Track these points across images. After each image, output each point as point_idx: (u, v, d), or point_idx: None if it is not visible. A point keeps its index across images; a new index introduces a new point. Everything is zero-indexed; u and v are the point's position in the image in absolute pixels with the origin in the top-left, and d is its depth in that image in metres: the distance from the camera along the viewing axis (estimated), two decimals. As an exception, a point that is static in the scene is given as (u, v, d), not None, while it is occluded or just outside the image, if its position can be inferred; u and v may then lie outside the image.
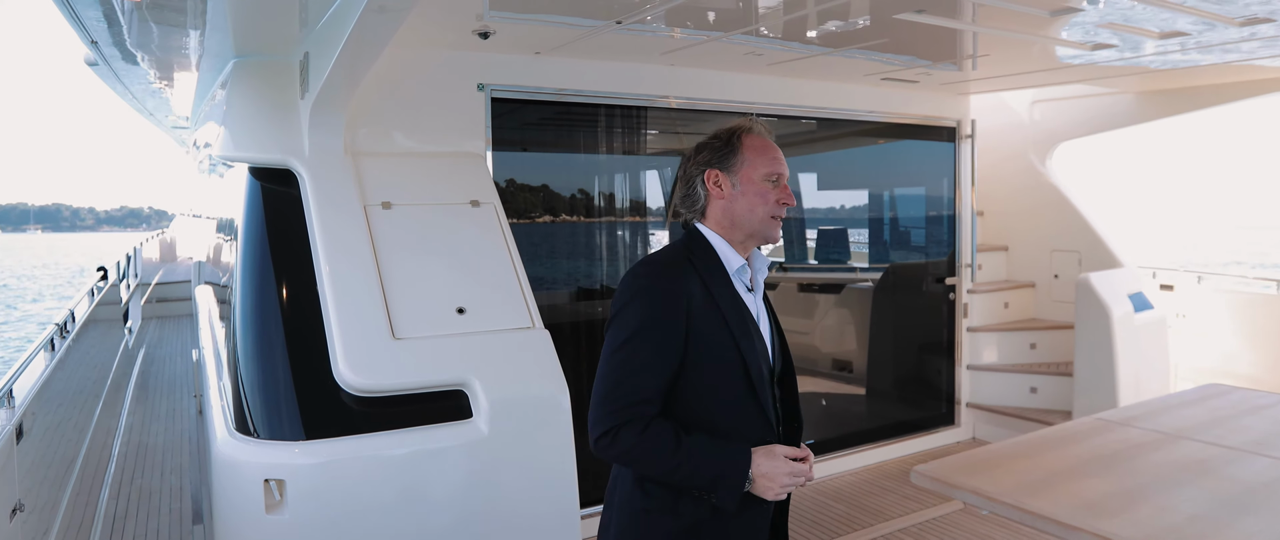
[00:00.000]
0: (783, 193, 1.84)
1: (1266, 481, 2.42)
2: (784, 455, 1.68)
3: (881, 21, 3.30)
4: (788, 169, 1.89)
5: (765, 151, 1.85)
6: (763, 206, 1.82)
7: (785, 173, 1.87)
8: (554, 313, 4.23)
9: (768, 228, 1.84)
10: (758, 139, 1.87)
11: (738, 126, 1.89)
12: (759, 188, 1.82)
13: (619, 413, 1.67)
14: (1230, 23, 3.18)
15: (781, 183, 1.85)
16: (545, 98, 3.94)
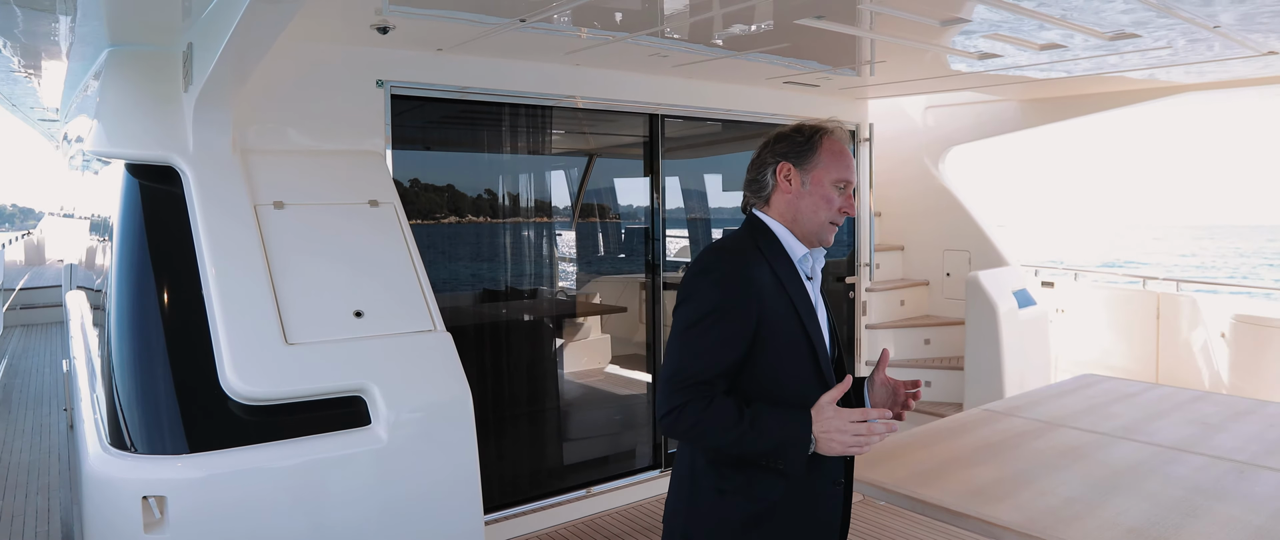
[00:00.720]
0: (846, 201, 1.86)
1: (1133, 464, 2.59)
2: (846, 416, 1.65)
3: (783, 26, 3.37)
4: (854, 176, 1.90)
5: (840, 157, 1.85)
6: (825, 211, 1.83)
7: (853, 181, 1.88)
8: (457, 315, 4.15)
9: (824, 232, 1.86)
10: (836, 143, 1.87)
11: (820, 126, 1.88)
12: (826, 192, 1.84)
13: (685, 390, 1.68)
14: (1101, 37, 3.39)
15: (848, 191, 1.87)
16: (448, 96, 3.85)
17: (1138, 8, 2.91)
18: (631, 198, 4.99)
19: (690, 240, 5.51)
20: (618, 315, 5.19)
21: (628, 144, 4.82)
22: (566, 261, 4.96)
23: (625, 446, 4.82)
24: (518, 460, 4.31)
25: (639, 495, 4.57)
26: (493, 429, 4.13)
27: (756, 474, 1.73)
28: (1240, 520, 2.14)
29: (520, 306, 4.46)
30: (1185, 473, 2.51)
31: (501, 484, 4.15)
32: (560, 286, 4.89)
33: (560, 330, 4.84)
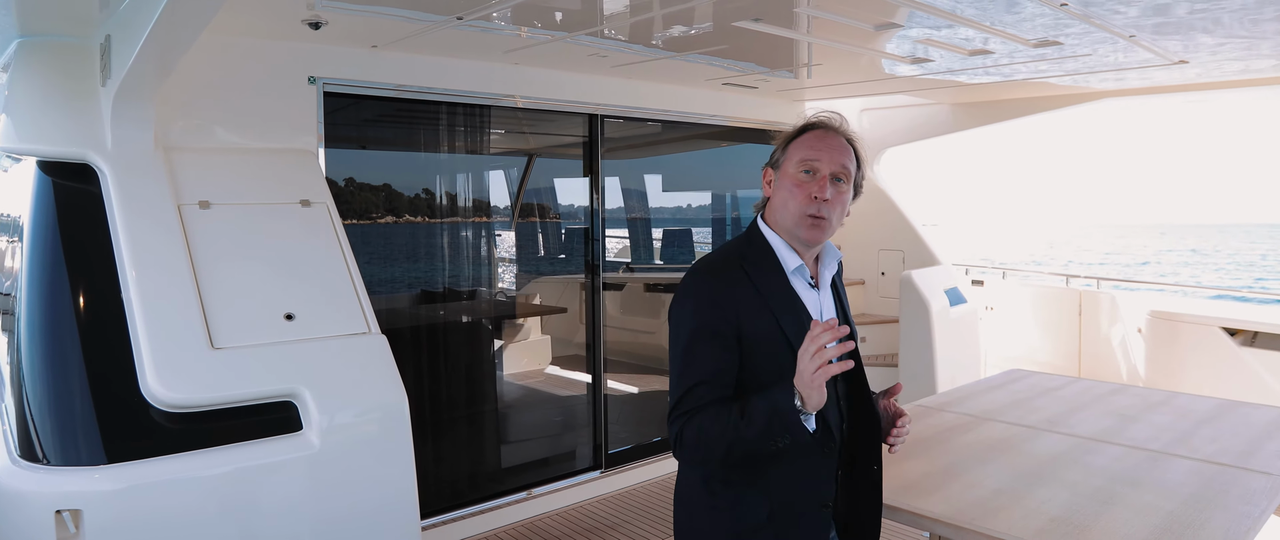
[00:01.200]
0: (818, 185, 1.68)
1: (1056, 455, 2.69)
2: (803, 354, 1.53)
3: (722, 28, 3.40)
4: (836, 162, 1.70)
5: (812, 140, 1.73)
6: (794, 201, 1.71)
7: (823, 162, 1.69)
8: (393, 317, 4.07)
9: (800, 227, 1.71)
10: (819, 130, 1.76)
11: (806, 120, 1.79)
12: (793, 179, 1.71)
13: (680, 418, 1.67)
14: (1026, 44, 3.51)
15: (819, 175, 1.70)
16: (384, 93, 3.78)
17: (1060, 16, 3.02)
18: (572, 198, 4.97)
19: (630, 241, 5.52)
20: (558, 316, 5.17)
21: (568, 144, 4.81)
22: (506, 262, 4.92)
23: (565, 448, 4.80)
24: (456, 463, 4.25)
25: (580, 497, 4.56)
26: (430, 432, 4.07)
27: (744, 493, 1.71)
28: (1154, 506, 2.24)
29: (458, 308, 4.40)
30: (1104, 462, 2.61)
31: (439, 488, 4.08)
32: (499, 287, 4.84)
33: (499, 331, 4.80)
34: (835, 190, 1.71)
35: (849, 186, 1.76)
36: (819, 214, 1.70)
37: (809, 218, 1.70)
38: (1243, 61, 3.88)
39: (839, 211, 1.74)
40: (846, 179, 1.74)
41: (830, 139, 1.75)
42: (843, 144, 1.76)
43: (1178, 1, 2.83)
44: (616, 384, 5.11)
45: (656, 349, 5.71)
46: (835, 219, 1.73)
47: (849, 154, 1.76)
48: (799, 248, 1.77)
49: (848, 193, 1.76)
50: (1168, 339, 5.36)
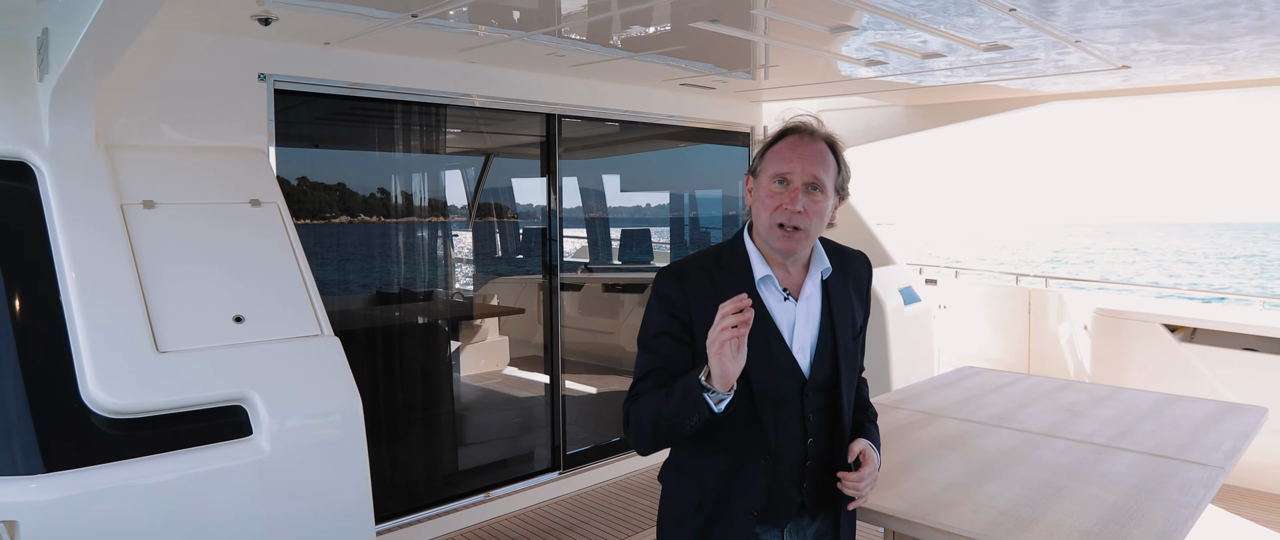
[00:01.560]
0: (789, 197, 1.66)
1: (1006, 450, 2.75)
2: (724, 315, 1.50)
3: (680, 29, 3.41)
4: (809, 172, 1.67)
5: (785, 150, 1.70)
6: (766, 213, 1.69)
7: (795, 173, 1.67)
8: (348, 319, 4.01)
9: (772, 237, 1.70)
10: (794, 136, 1.72)
11: (784, 125, 1.76)
12: (767, 190, 1.70)
13: (630, 401, 1.74)
14: (977, 47, 3.58)
15: (792, 186, 1.67)
16: (336, 92, 3.71)
17: (1008, 21, 3.09)
18: (529, 197, 4.95)
19: (589, 241, 5.50)
20: (516, 316, 5.14)
21: (525, 144, 4.78)
22: (463, 262, 4.87)
23: (523, 449, 4.77)
24: (412, 467, 4.20)
25: (538, 498, 4.54)
26: (386, 435, 4.01)
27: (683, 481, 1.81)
28: (1098, 499, 2.30)
29: (415, 309, 4.34)
30: (1051, 456, 2.68)
31: (395, 491, 4.03)
32: (456, 288, 4.80)
33: (456, 333, 4.75)
34: (809, 200, 1.69)
35: (826, 195, 1.72)
36: (792, 224, 1.68)
37: (780, 228, 1.69)
38: (1181, 68, 4.02)
39: (816, 220, 1.71)
40: (822, 187, 1.70)
41: (804, 146, 1.71)
42: (818, 151, 1.72)
43: (1117, 9, 2.92)
44: (575, 385, 5.10)
45: (615, 349, 5.71)
46: (813, 228, 1.71)
47: (824, 161, 1.72)
48: (776, 258, 1.76)
49: (824, 201, 1.72)
50: (1112, 336, 5.52)
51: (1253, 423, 3.10)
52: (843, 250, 1.90)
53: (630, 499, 4.58)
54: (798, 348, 1.75)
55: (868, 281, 1.92)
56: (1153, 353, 5.30)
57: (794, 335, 1.76)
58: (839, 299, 1.80)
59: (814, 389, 1.76)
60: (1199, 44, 3.45)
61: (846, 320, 1.81)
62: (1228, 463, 2.64)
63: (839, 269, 1.84)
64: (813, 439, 1.79)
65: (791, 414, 1.75)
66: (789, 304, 1.77)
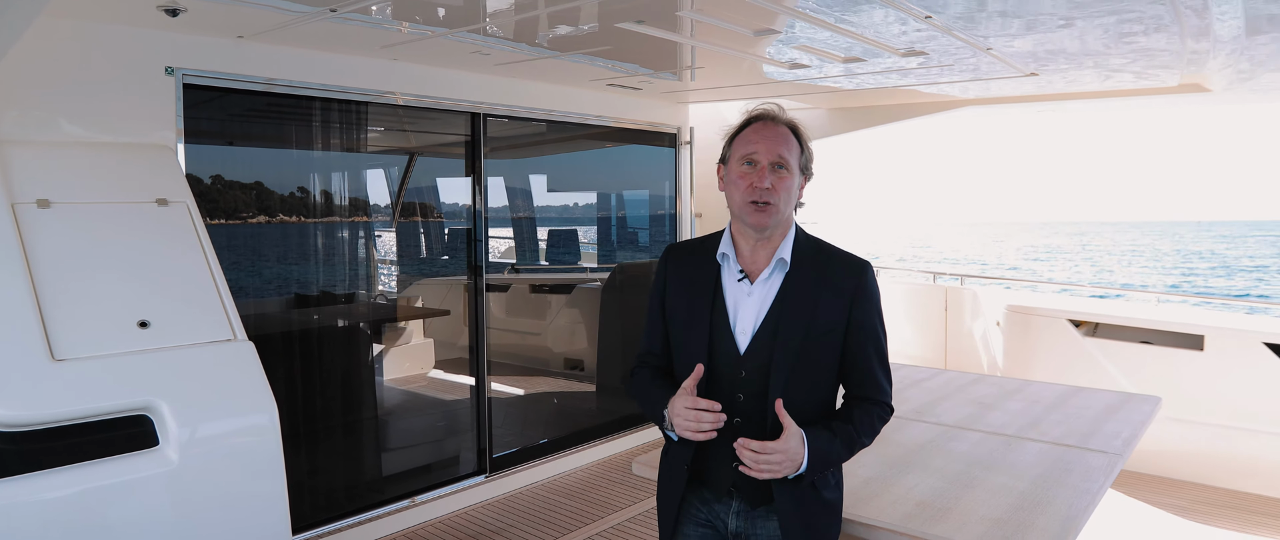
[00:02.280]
0: (758, 175, 1.81)
1: (922, 443, 2.84)
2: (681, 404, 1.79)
3: (606, 29, 3.41)
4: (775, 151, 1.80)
5: (753, 133, 1.85)
6: (738, 192, 1.84)
7: (761, 152, 1.81)
8: (264, 322, 3.87)
9: (746, 214, 1.84)
10: (759, 122, 1.86)
11: (748, 114, 1.89)
12: (737, 171, 1.85)
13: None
14: (895, 53, 3.69)
15: (759, 165, 1.81)
16: (251, 87, 3.58)
17: (924, 28, 3.19)
18: (455, 197, 4.88)
19: (516, 241, 5.45)
20: (441, 318, 5.05)
21: (450, 143, 4.70)
22: (386, 263, 4.77)
23: (449, 453, 4.69)
24: (333, 474, 4.09)
25: (465, 502, 4.47)
26: (305, 442, 3.89)
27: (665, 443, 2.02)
28: (1007, 487, 2.40)
29: (335, 311, 4.22)
30: (965, 448, 2.78)
31: (315, 500, 3.91)
32: (379, 290, 4.69)
33: (379, 335, 4.64)
34: (776, 177, 1.82)
35: (792, 173, 1.84)
36: (762, 200, 1.81)
37: (752, 204, 1.82)
38: (1082, 76, 4.22)
39: (784, 196, 1.83)
40: (787, 165, 1.83)
41: (769, 129, 1.85)
42: (781, 133, 1.85)
43: (1023, 19, 3.05)
44: (501, 387, 5.05)
45: (543, 350, 5.67)
46: (782, 204, 1.83)
47: (788, 142, 1.85)
48: (750, 238, 1.88)
49: (790, 178, 1.84)
50: (1022, 331, 5.76)
51: (1148, 412, 3.28)
52: (835, 255, 1.91)
53: (558, 501, 4.56)
54: (741, 328, 1.85)
55: (854, 289, 1.86)
56: (1059, 347, 5.56)
57: (738, 315, 1.86)
58: (799, 292, 1.84)
59: (748, 369, 1.83)
60: (1089, 54, 3.63)
61: (801, 313, 1.83)
62: (1126, 450, 2.79)
63: (812, 266, 1.87)
64: (740, 419, 1.84)
65: (723, 390, 1.84)
66: (743, 285, 1.88)
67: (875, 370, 1.89)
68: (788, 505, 1.84)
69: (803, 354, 1.82)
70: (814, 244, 1.92)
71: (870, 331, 1.87)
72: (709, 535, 1.97)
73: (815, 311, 1.83)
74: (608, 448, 5.37)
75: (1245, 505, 4.65)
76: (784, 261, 1.86)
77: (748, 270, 1.88)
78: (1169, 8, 2.88)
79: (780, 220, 1.85)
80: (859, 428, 1.86)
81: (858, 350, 1.87)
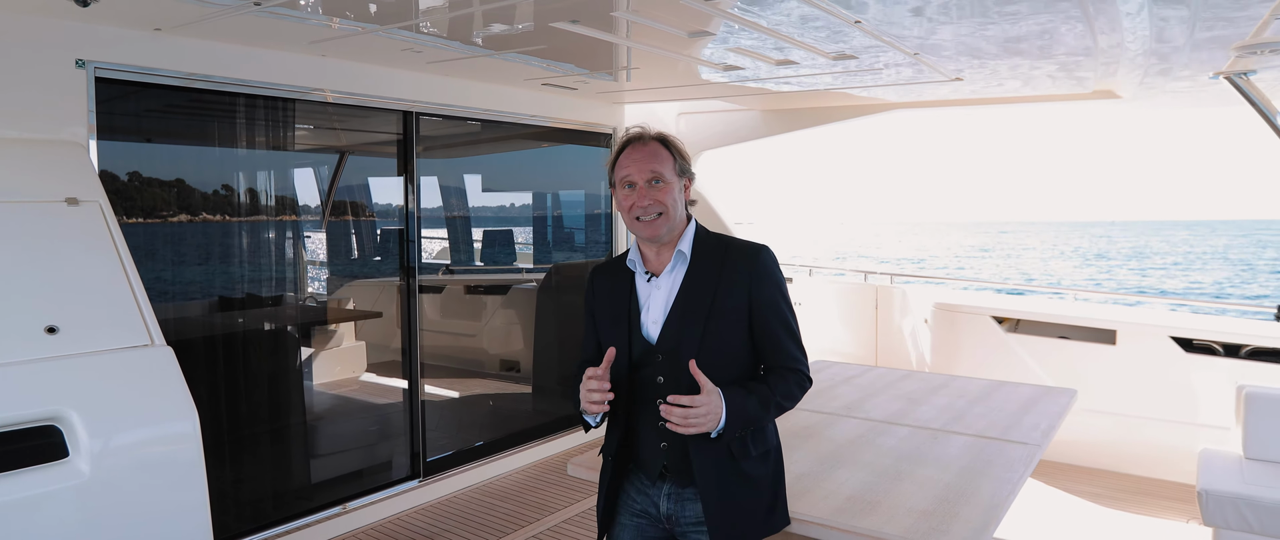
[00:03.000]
0: (636, 195, 1.98)
1: (853, 438, 2.90)
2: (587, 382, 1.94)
3: (542, 28, 3.39)
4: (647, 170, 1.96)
5: (625, 158, 2.01)
6: (624, 213, 2.02)
7: (634, 173, 1.98)
8: (185, 326, 3.73)
9: (636, 229, 2.01)
10: (629, 147, 2.02)
11: (620, 140, 2.06)
12: (621, 195, 2.03)
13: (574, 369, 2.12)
14: (826, 56, 3.77)
15: (638, 185, 1.98)
16: (170, 82, 3.44)
17: (854, 33, 3.27)
18: (387, 197, 4.78)
19: (450, 242, 5.38)
20: (373, 321, 4.94)
21: (382, 141, 4.61)
22: (316, 264, 4.64)
23: (381, 458, 4.60)
24: (259, 482, 3.96)
25: (398, 508, 4.39)
26: (229, 450, 3.76)
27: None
28: (934, 479, 2.47)
29: (262, 314, 4.09)
30: (893, 443, 2.85)
31: (240, 510, 3.79)
32: (309, 291, 4.56)
33: (308, 339, 4.51)
34: (655, 191, 1.98)
35: (668, 183, 1.99)
36: (642, 216, 1.98)
37: (637, 221, 1.99)
38: (1003, 81, 4.38)
39: (669, 201, 1.98)
40: (662, 177, 1.99)
41: (639, 150, 2.01)
42: (650, 150, 2.00)
43: (946, 27, 3.14)
44: (436, 389, 4.97)
45: (478, 352, 5.61)
46: (669, 210, 1.98)
47: (658, 156, 2.00)
48: (651, 244, 2.05)
49: (670, 186, 1.99)
50: (949, 328, 5.94)
51: (1064, 404, 3.42)
52: (733, 244, 2.05)
53: (493, 504, 4.51)
54: (651, 320, 2.03)
55: (751, 271, 1.98)
56: (983, 343, 5.75)
57: (649, 309, 2.03)
58: (700, 280, 2.00)
59: (662, 354, 2.00)
60: (1011, 62, 3.77)
61: (702, 298, 1.99)
62: (1044, 441, 2.91)
63: (712, 257, 2.03)
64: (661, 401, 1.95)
65: (647, 376, 2.02)
66: (652, 283, 2.05)
67: (784, 342, 2.01)
68: (707, 476, 1.96)
69: (708, 335, 1.96)
70: (714, 237, 2.08)
71: (774, 308, 2.00)
72: (643, 524, 2.10)
73: (716, 295, 1.97)
74: (544, 449, 5.34)
75: (1154, 491, 4.89)
76: (683, 254, 2.03)
77: (652, 270, 2.07)
78: (1084, 25, 3.01)
79: (671, 227, 2.01)
80: (774, 389, 1.98)
81: (765, 327, 2.00)
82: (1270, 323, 5.11)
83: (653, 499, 2.07)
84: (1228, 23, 2.96)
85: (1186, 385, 5.00)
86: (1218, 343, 5.02)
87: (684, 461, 1.98)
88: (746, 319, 1.98)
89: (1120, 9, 2.85)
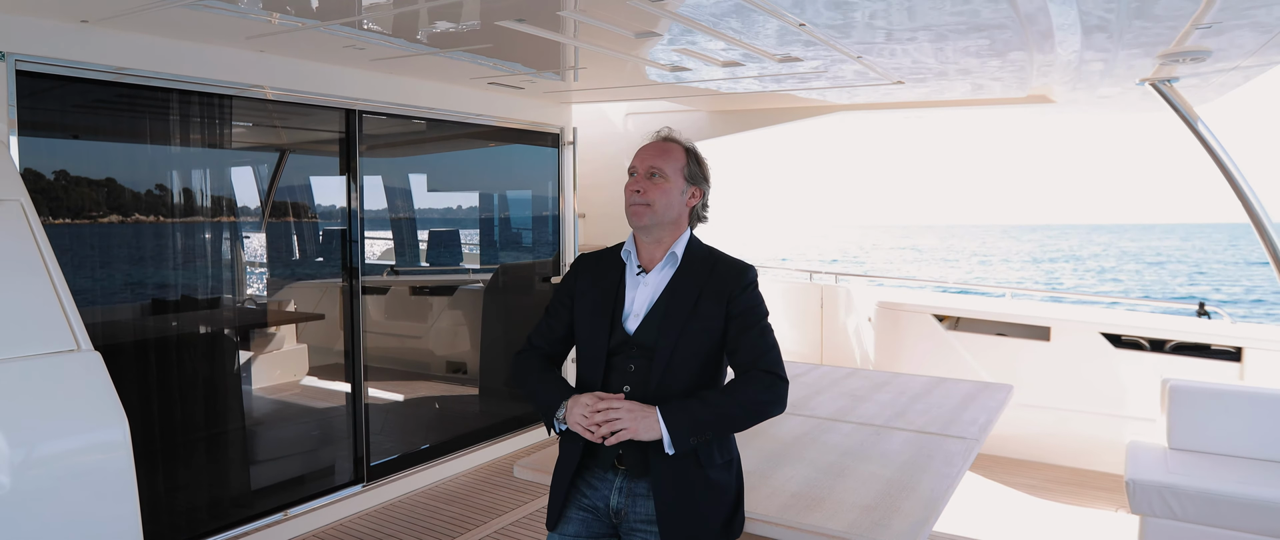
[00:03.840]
0: (639, 181, 2.08)
1: (798, 435, 2.94)
2: (585, 401, 1.97)
3: (488, 27, 3.36)
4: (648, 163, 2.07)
5: (642, 148, 2.13)
6: (626, 197, 2.10)
7: (639, 164, 2.10)
8: (115, 331, 3.60)
9: (628, 214, 2.09)
10: (643, 147, 2.14)
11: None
12: (627, 182, 2.12)
13: (525, 343, 2.23)
14: (771, 59, 3.81)
15: (637, 175, 2.09)
16: (99, 76, 3.32)
17: (799, 35, 3.31)
18: (330, 197, 4.67)
19: (395, 242, 5.29)
20: (315, 323, 4.83)
21: (324, 140, 4.51)
22: (255, 266, 4.52)
23: (323, 463, 4.50)
24: (194, 490, 3.84)
25: (341, 513, 4.31)
26: (163, 458, 3.64)
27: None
28: (876, 475, 2.52)
29: (197, 317, 3.97)
30: (837, 439, 2.90)
31: (175, 519, 3.67)
32: (248, 294, 4.44)
33: (247, 342, 4.39)
34: (650, 183, 2.07)
35: (668, 179, 2.08)
36: (637, 202, 2.07)
37: (631, 206, 2.08)
38: (942, 85, 4.49)
39: (660, 197, 2.06)
40: (662, 173, 2.08)
41: (651, 146, 2.14)
42: (661, 147, 2.12)
43: (886, 31, 3.21)
44: (380, 392, 4.88)
45: (424, 354, 5.53)
46: (658, 205, 2.06)
47: (666, 153, 2.11)
48: (646, 239, 2.12)
49: (668, 184, 2.07)
50: (892, 326, 6.07)
51: (1002, 399, 3.52)
52: (722, 259, 2.12)
53: (439, 507, 4.46)
54: (634, 312, 2.09)
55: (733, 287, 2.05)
56: (925, 340, 5.89)
57: (634, 302, 2.10)
58: (686, 285, 2.07)
59: (636, 347, 2.05)
60: (948, 67, 3.87)
61: (685, 302, 2.06)
62: (982, 435, 2.99)
63: (702, 267, 2.10)
64: (629, 387, 2.04)
65: (617, 368, 2.06)
66: (640, 277, 2.12)
67: (758, 343, 2.04)
68: (664, 478, 1.99)
69: (684, 337, 2.02)
70: (706, 250, 2.16)
71: (753, 316, 2.06)
72: (589, 519, 2.11)
73: (698, 302, 2.04)
74: (491, 451, 5.29)
75: (1085, 481, 5.07)
76: (675, 256, 2.10)
77: (644, 265, 2.13)
78: (1019, 32, 3.10)
79: (659, 220, 2.08)
80: (732, 394, 1.99)
81: (741, 333, 2.04)
82: (1193, 319, 5.34)
83: (603, 493, 2.09)
84: (1153, 32, 3.09)
85: (1115, 379, 5.20)
86: (1144, 338, 5.22)
87: (640, 455, 2.01)
88: (722, 329, 2.04)
89: (1053, 18, 2.95)
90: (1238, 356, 4.92)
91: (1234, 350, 4.94)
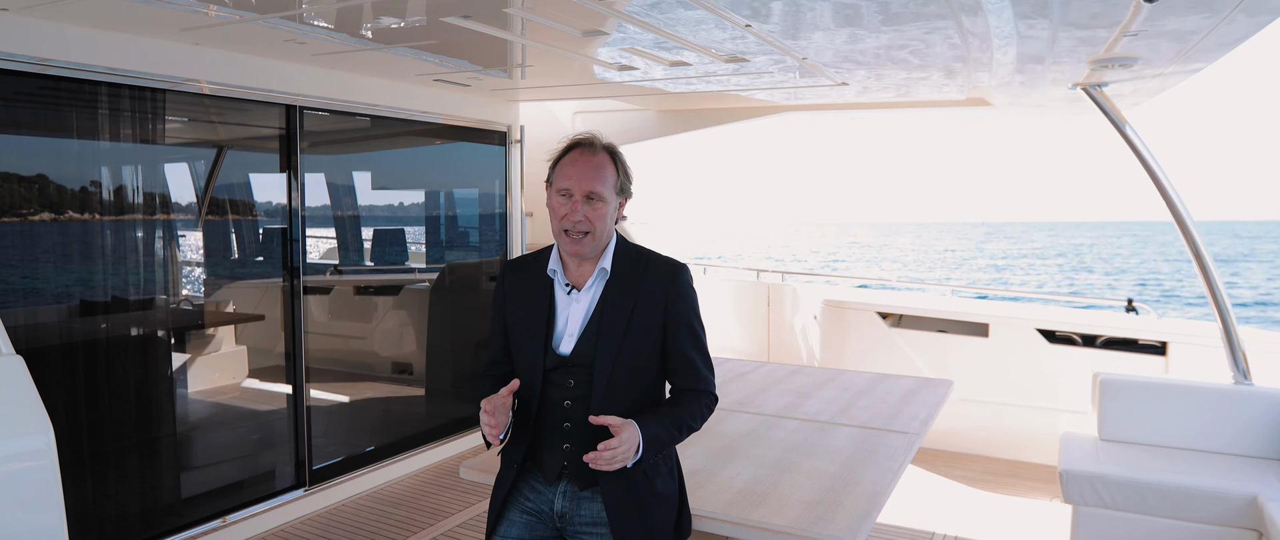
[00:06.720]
0: (572, 208, 1.92)
1: (744, 432, 2.97)
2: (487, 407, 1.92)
3: (433, 23, 3.31)
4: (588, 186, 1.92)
5: (569, 165, 1.95)
6: (555, 220, 1.97)
7: (575, 186, 1.92)
8: (40, 333, 3.46)
9: (561, 242, 1.98)
10: (574, 153, 1.96)
11: (569, 140, 2.00)
12: (556, 201, 1.97)
13: (483, 367, 2.19)
14: (718, 59, 3.84)
15: (573, 198, 1.93)
16: (20, 67, 3.17)
17: (745, 36, 3.34)
18: (270, 195, 4.56)
19: (339, 241, 5.18)
20: (255, 324, 4.71)
21: (264, 136, 4.39)
22: (192, 265, 4.38)
23: (263, 467, 4.39)
24: (125, 498, 3.71)
25: (283, 518, 4.21)
26: (91, 466, 3.51)
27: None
28: (821, 470, 2.56)
29: (129, 319, 3.83)
30: (783, 436, 2.94)
31: (104, 529, 3.54)
32: (184, 294, 4.30)
33: (183, 344, 4.25)
34: (589, 208, 1.95)
35: (605, 202, 1.96)
36: (577, 231, 1.95)
37: (565, 233, 1.97)
38: (884, 88, 4.58)
39: (599, 223, 1.96)
40: (600, 196, 1.95)
41: (584, 161, 1.96)
42: (596, 163, 1.96)
43: (829, 33, 3.26)
44: (323, 394, 4.78)
45: (369, 355, 5.43)
46: (597, 230, 1.96)
47: (602, 173, 1.96)
48: (569, 257, 2.02)
49: (605, 207, 1.96)
50: (837, 323, 6.17)
51: (942, 394, 3.61)
52: (653, 260, 2.06)
53: (384, 510, 4.38)
54: (568, 332, 2.02)
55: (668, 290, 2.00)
56: (869, 337, 6.00)
57: (567, 321, 2.03)
58: (619, 296, 2.01)
59: (574, 366, 2.01)
60: (889, 70, 3.95)
61: (620, 315, 2.00)
62: (923, 430, 3.06)
63: (631, 272, 2.03)
64: (570, 401, 2.02)
65: (556, 384, 2.02)
66: (571, 296, 2.04)
67: (696, 363, 2.07)
68: (617, 494, 1.97)
69: (623, 351, 1.99)
70: (634, 251, 2.08)
71: (687, 328, 2.05)
72: (533, 521, 2.09)
73: (633, 312, 2.00)
74: (437, 453, 5.23)
75: (1023, 473, 5.23)
76: (605, 270, 2.03)
77: (573, 282, 2.05)
78: (958, 36, 3.18)
79: (599, 247, 2.01)
80: (685, 412, 2.03)
81: (678, 347, 2.04)
82: (1122, 315, 5.55)
83: (546, 497, 2.08)
84: (1084, 38, 3.20)
85: (1049, 374, 5.37)
86: (1077, 334, 5.41)
87: (585, 467, 1.96)
88: (660, 338, 2.02)
89: (990, 23, 3.03)
90: (1163, 350, 5.13)
91: (1160, 345, 5.15)
